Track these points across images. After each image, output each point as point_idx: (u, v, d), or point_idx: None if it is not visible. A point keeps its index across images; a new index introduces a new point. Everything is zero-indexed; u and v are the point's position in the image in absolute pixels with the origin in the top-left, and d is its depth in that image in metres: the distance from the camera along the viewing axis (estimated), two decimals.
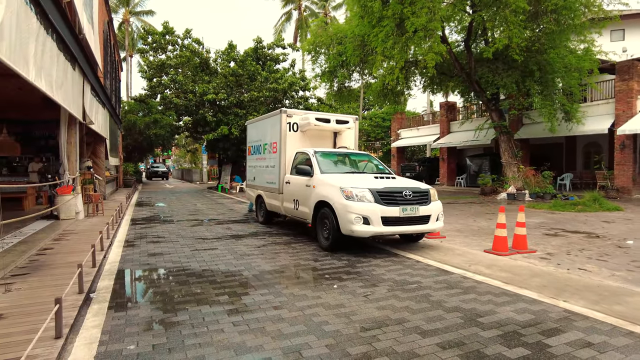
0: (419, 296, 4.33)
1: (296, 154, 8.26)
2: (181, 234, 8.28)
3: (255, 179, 10.08)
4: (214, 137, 21.30)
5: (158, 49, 22.91)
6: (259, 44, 22.53)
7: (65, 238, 7.38)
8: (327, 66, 19.35)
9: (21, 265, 5.40)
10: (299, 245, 7.12)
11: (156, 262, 5.88)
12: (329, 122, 8.43)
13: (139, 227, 9.25)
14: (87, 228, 8.62)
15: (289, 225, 9.51)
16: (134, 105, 31.99)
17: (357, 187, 6.15)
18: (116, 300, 4.18)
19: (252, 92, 21.31)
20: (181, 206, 14.22)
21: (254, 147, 10.19)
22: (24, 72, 5.47)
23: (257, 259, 6.05)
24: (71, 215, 9.67)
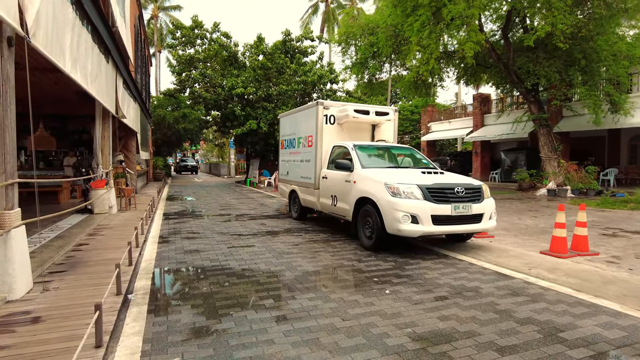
0: (483, 305, 3.90)
1: (333, 148, 7.89)
2: (215, 230, 8.07)
3: (288, 174, 9.78)
4: (242, 132, 21.16)
5: (187, 44, 22.91)
6: (287, 37, 22.20)
7: (100, 233, 7.27)
8: (357, 57, 18.86)
9: (58, 261, 5.26)
10: (338, 243, 6.76)
11: (193, 260, 5.64)
12: (368, 114, 8.01)
13: (172, 222, 9.10)
14: (120, 223, 8.52)
15: (324, 222, 9.17)
16: (163, 100, 32.34)
17: (404, 183, 5.73)
18: (155, 303, 3.93)
19: (280, 86, 21.02)
20: (212, 200, 14.10)
21: (287, 140, 9.88)
22: (60, 63, 5.29)
23: (297, 257, 5.72)
24: (104, 209, 9.62)
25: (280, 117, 10.53)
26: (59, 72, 10.04)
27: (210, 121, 26.84)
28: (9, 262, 3.77)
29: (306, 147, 8.63)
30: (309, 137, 8.50)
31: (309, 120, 8.47)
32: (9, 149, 3.87)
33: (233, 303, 3.92)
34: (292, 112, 9.76)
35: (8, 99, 3.89)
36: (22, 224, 4.08)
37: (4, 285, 3.76)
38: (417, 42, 15.09)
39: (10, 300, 3.75)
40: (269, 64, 21.00)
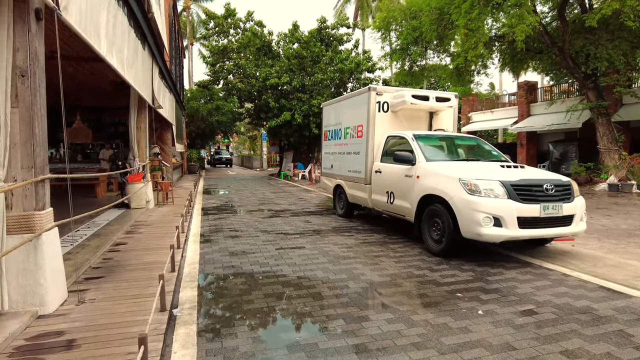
0: (612, 334, 3.08)
1: (387, 139, 7.12)
2: (259, 227, 7.48)
3: (332, 167, 9.07)
4: (277, 124, 20.59)
5: (220, 33, 22.50)
6: (322, 24, 21.39)
7: (138, 231, 6.81)
8: (398, 43, 17.84)
9: (95, 264, 4.76)
10: (398, 246, 6.01)
11: (240, 263, 5.04)
12: (427, 100, 7.18)
13: (212, 218, 8.60)
14: (158, 219, 8.07)
15: (374, 220, 8.43)
16: (196, 93, 32.24)
17: (484, 179, 4.92)
18: (205, 322, 3.33)
19: (316, 75, 20.28)
20: (249, 194, 13.60)
21: (332, 131, 9.16)
22: (96, 44, 4.75)
23: (356, 264, 5.02)
24: (141, 204, 9.23)
25: (324, 106, 9.81)
26: (94, 62, 9.67)
27: (243, 113, 26.43)
28: (40, 271, 3.25)
29: (355, 137, 7.89)
30: (358, 126, 7.74)
31: (359, 108, 7.71)
32: (39, 139, 3.33)
33: (297, 324, 3.26)
34: (337, 100, 9.02)
35: (37, 81, 3.34)
36: (54, 226, 3.56)
37: (34, 298, 3.24)
38: (465, 25, 13.99)
39: (42, 316, 3.23)
40: (304, 53, 20.27)
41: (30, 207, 3.28)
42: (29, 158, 3.26)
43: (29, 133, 3.25)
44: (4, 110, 3.09)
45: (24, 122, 3.24)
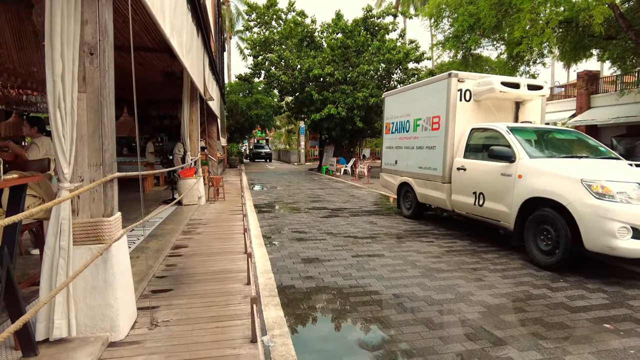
0: None
1: (472, 132, 6.29)
2: (322, 228, 6.84)
3: (397, 163, 8.30)
4: (320, 117, 19.92)
5: (262, 25, 22.01)
6: (368, 13, 20.46)
7: (195, 231, 6.31)
8: (452, 31, 16.74)
9: (159, 272, 4.25)
10: (494, 256, 5.21)
11: (319, 274, 4.40)
12: (518, 88, 6.28)
13: (267, 217, 8.04)
14: (212, 217, 7.59)
15: (449, 222, 7.63)
16: (235, 86, 32.08)
17: (616, 180, 4.05)
18: (306, 358, 2.70)
19: (361, 66, 19.43)
20: (296, 190, 13.03)
21: (397, 123, 8.37)
22: (160, 21, 4.19)
23: (455, 279, 4.28)
24: (193, 200, 8.80)
25: (386, 96, 9.02)
26: (143, 51, 9.28)
27: (283, 107, 25.95)
28: (110, 289, 2.71)
29: (428, 130, 7.09)
30: (433, 118, 6.94)
31: (435, 97, 6.90)
32: (108, 130, 2.78)
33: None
34: (404, 90, 8.22)
35: (106, 60, 2.79)
36: (123, 234, 3.02)
37: (104, 321, 2.70)
38: (531, 9, 12.81)
39: (113, 343, 2.69)
40: (349, 42, 19.44)
41: (99, 212, 2.74)
42: (97, 153, 2.71)
43: (97, 123, 2.70)
44: (71, 96, 2.54)
45: (92, 110, 2.69)
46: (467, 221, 7.43)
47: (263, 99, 30.06)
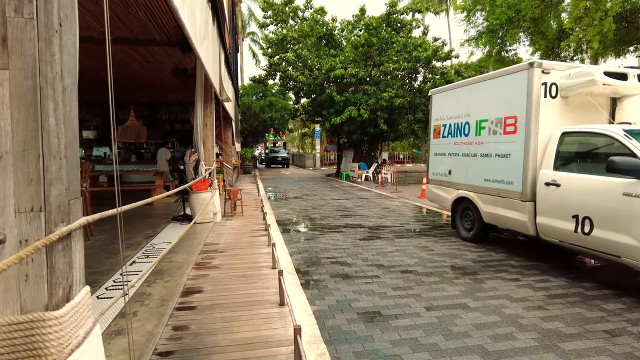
0: None
1: (562, 136, 4.89)
2: (367, 257, 5.48)
3: (452, 173, 6.90)
4: (342, 120, 18.58)
5: (279, 23, 20.79)
6: (392, 9, 19.08)
7: (212, 262, 5.01)
8: (487, 25, 15.29)
9: (162, 343, 2.94)
10: (616, 305, 3.80)
11: (391, 344, 3.05)
12: (624, 79, 4.89)
13: (295, 238, 6.72)
14: (231, 239, 6.28)
15: (522, 246, 6.22)
16: (248, 89, 30.97)
17: None
18: None
19: (386, 65, 18.06)
20: (320, 201, 11.69)
21: (450, 126, 6.99)
22: None
23: (598, 355, 2.89)
24: (208, 217, 7.52)
25: (434, 93, 7.63)
26: (150, 45, 8.04)
27: (299, 110, 24.68)
28: None
29: (499, 134, 5.70)
30: (507, 118, 5.55)
31: (509, 93, 5.51)
32: (58, 143, 1.47)
33: None
34: (461, 85, 6.83)
35: (58, 10, 1.48)
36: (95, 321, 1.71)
37: None
38: None
39: None
40: (373, 40, 18.08)
41: (38, 302, 1.43)
42: (33, 187, 1.41)
43: (33, 129, 1.40)
44: None
45: (22, 104, 1.39)
46: (558, 251, 6.00)
47: (278, 101, 28.89)
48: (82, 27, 7.28)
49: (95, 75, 11.37)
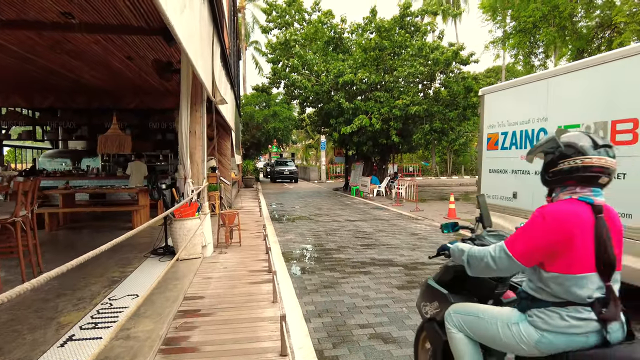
0: None
1: None
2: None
3: (517, 197, 5.20)
4: (352, 130, 16.94)
5: (282, 26, 19.33)
6: (406, 10, 17.55)
7: (190, 338, 3.30)
8: (515, 24, 13.73)
9: None
10: None
11: None
12: None
13: (310, 286, 5.00)
14: (223, 288, 4.58)
15: None
16: (251, 98, 29.51)
17: None
18: None
19: (400, 69, 16.48)
20: (334, 223, 9.97)
21: (514, 134, 5.31)
22: None
23: None
24: (195, 252, 5.82)
25: (487, 92, 5.97)
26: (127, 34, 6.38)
27: (305, 119, 23.12)
28: None
29: None
30: (617, 122, 3.88)
31: (624, 84, 3.85)
32: None
33: None
34: (529, 79, 5.16)
35: None
36: None
37: None
38: None
39: None
40: (385, 43, 16.53)
41: None
42: None
43: None
44: None
45: None
46: None
47: (282, 111, 27.37)
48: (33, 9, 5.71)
49: (73, 79, 9.85)
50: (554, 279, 1.60)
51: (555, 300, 1.62)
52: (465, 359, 1.87)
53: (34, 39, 6.56)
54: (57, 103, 11.51)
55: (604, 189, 1.67)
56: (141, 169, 9.22)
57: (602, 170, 1.60)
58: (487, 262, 1.73)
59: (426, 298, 2.34)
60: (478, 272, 1.81)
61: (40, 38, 6.47)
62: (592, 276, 1.58)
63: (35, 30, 5.98)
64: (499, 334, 1.74)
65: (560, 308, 1.60)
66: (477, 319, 1.85)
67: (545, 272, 1.63)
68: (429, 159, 36.89)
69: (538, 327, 1.63)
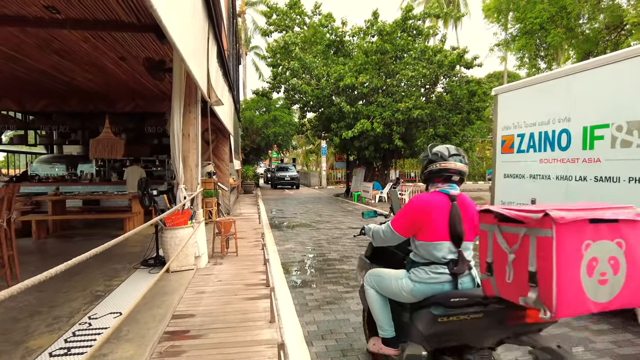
0: None
1: None
2: None
3: (536, 204, 4.79)
4: (353, 135, 16.57)
5: (282, 29, 19.02)
6: (408, 14, 17.24)
7: (182, 356, 2.90)
8: (521, 26, 13.40)
9: None
10: None
11: None
12: None
13: (312, 303, 4.57)
14: (216, 305, 4.16)
15: None
16: (251, 103, 29.21)
17: None
18: None
19: (403, 72, 16.14)
20: (336, 231, 9.55)
21: (532, 136, 4.92)
22: None
23: None
24: (187, 263, 5.41)
25: (501, 91, 5.56)
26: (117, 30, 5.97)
27: (305, 124, 22.78)
28: None
29: (638, 146, 3.62)
30: None
31: None
32: None
33: None
34: (550, 76, 4.77)
35: None
36: None
37: None
38: None
39: None
40: (387, 47, 16.20)
41: None
42: None
43: None
44: None
45: None
46: None
47: (282, 116, 27.05)
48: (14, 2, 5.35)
49: (66, 81, 9.50)
50: (422, 245, 2.27)
51: (423, 261, 2.28)
52: (374, 305, 2.55)
53: (20, 37, 6.19)
54: (50, 106, 11.16)
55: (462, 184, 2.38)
56: (138, 174, 8.82)
57: (455, 171, 2.27)
58: (381, 235, 2.48)
59: (359, 268, 3.17)
60: (378, 243, 2.56)
61: (25, 35, 6.10)
62: (446, 243, 2.22)
63: (18, 26, 5.61)
64: (392, 287, 2.40)
65: (425, 266, 2.25)
66: (381, 278, 2.51)
67: (417, 241, 2.30)
68: None
69: (413, 280, 2.27)
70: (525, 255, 1.65)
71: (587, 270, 1.56)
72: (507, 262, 1.75)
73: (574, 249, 1.54)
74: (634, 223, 1.64)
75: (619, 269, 1.61)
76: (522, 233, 1.67)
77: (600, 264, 1.59)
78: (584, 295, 1.55)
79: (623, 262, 1.61)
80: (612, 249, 1.61)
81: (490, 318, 1.95)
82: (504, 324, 1.96)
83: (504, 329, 1.99)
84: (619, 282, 1.61)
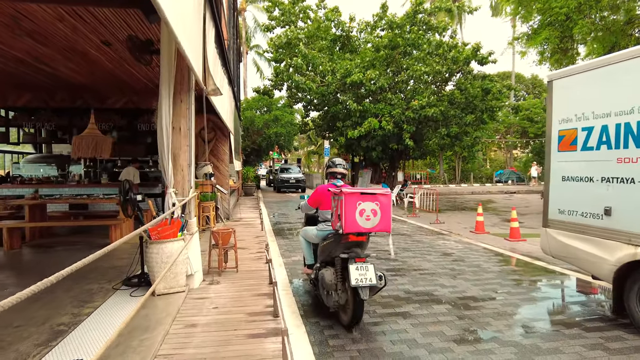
0: None
1: None
2: None
3: (612, 214, 3.81)
4: (360, 134, 15.61)
5: (286, 25, 18.07)
6: (419, 7, 16.27)
7: None
8: (542, 18, 12.44)
9: None
10: None
11: None
12: None
13: (334, 342, 3.59)
14: (211, 345, 3.19)
15: None
16: (252, 102, 28.28)
17: None
18: None
19: (414, 67, 15.17)
20: None
21: (603, 129, 3.95)
22: None
23: None
24: (178, 283, 4.44)
25: (557, 77, 4.54)
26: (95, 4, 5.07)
27: (309, 124, 21.84)
28: None
29: None
30: None
31: None
32: None
33: None
34: (626, 56, 3.81)
35: None
36: None
37: None
38: None
39: None
40: (398, 40, 15.24)
41: None
42: None
43: None
44: None
45: None
46: None
47: (284, 115, 26.09)
48: None
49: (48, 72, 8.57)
50: (321, 213, 4.45)
51: (322, 220, 4.44)
52: (303, 246, 4.75)
53: None
54: (34, 102, 10.24)
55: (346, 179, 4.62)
56: (132, 175, 7.86)
57: (339, 173, 4.42)
58: (303, 206, 4.85)
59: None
60: (304, 211, 4.95)
61: None
62: (329, 211, 4.08)
63: None
64: (310, 234, 4.57)
65: (322, 223, 4.40)
66: (306, 231, 4.69)
67: (319, 210, 4.47)
68: (435, 166, 35.50)
69: (318, 230, 4.38)
70: (337, 207, 3.67)
71: (359, 214, 3.56)
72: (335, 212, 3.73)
73: (353, 204, 3.56)
74: (384, 195, 3.66)
75: (377, 215, 3.63)
76: (337, 198, 3.68)
77: (366, 212, 3.60)
78: (357, 224, 3.56)
79: (379, 212, 3.63)
80: (373, 206, 3.61)
81: (335, 240, 3.83)
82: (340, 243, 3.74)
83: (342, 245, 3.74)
84: (376, 220, 3.61)
